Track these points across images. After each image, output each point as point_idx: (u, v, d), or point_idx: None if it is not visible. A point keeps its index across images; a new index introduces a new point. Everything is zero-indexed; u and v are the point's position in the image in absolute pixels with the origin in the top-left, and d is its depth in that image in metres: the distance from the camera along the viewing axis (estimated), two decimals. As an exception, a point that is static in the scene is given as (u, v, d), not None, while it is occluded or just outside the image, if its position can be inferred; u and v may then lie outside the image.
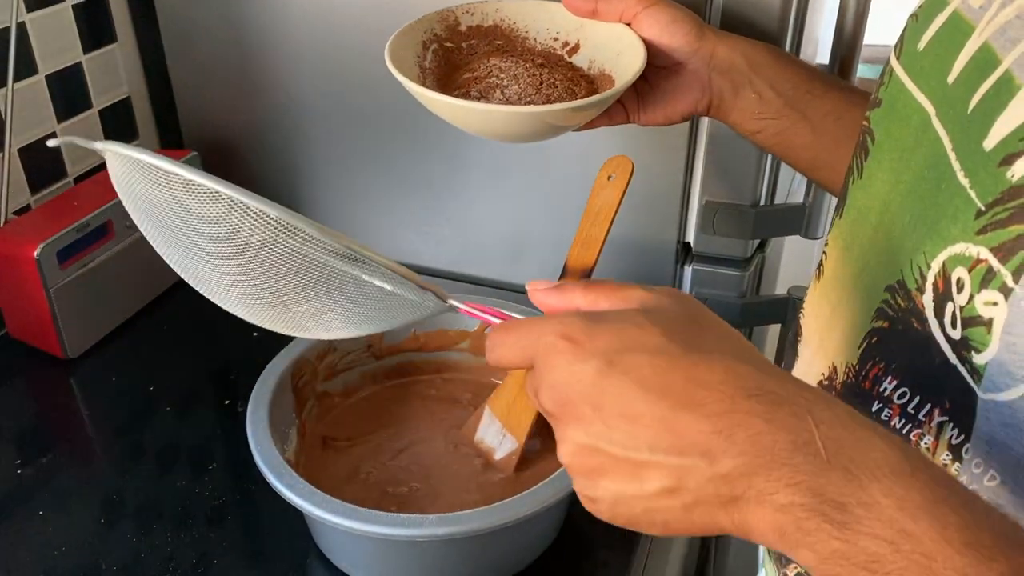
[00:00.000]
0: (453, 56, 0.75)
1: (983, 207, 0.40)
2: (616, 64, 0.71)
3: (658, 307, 0.40)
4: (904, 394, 0.46)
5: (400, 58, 0.69)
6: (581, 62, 0.75)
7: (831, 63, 0.87)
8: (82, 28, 0.96)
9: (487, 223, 0.99)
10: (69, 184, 0.99)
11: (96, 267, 0.90)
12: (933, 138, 0.46)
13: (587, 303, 0.42)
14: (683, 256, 0.95)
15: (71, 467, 0.79)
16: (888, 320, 0.47)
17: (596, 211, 0.75)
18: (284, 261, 0.47)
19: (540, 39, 0.76)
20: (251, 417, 0.69)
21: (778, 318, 0.98)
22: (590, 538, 0.73)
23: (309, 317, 0.50)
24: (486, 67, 0.72)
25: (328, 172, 1.03)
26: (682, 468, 0.36)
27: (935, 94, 0.47)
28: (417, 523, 0.61)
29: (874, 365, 0.48)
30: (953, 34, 0.46)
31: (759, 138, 0.71)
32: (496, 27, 0.76)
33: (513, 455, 0.75)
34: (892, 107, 0.51)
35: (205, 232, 0.47)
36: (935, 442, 0.44)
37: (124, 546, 0.71)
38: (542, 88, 0.70)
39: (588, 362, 0.38)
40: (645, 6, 0.69)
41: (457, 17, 0.75)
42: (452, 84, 0.73)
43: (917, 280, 0.44)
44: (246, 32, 0.97)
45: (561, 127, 0.68)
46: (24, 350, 0.91)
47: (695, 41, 0.69)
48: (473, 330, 0.81)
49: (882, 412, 0.47)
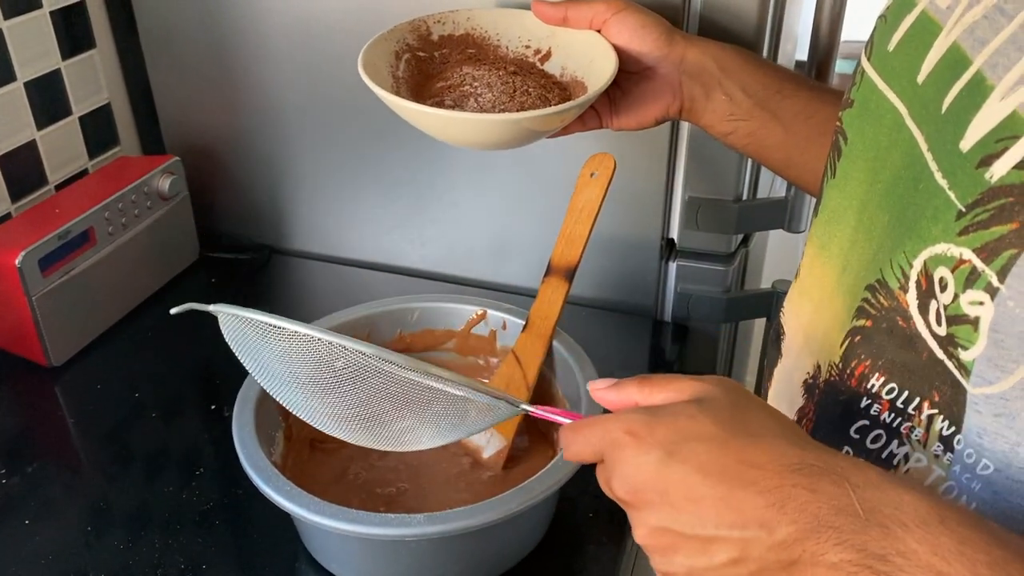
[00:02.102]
0: (426, 66, 0.75)
1: (963, 208, 0.41)
2: (588, 71, 0.72)
3: (707, 396, 0.45)
4: (892, 390, 0.47)
5: (373, 68, 0.70)
6: (553, 69, 0.75)
7: (809, 60, 0.88)
8: (60, 34, 0.96)
9: (471, 223, 0.99)
10: (50, 192, 0.98)
11: (78, 274, 0.90)
12: (907, 138, 0.46)
13: (643, 397, 0.47)
14: (667, 252, 0.96)
15: (57, 476, 0.79)
16: (870, 319, 0.48)
17: (579, 208, 0.76)
18: (380, 389, 0.54)
19: (512, 47, 0.76)
20: (237, 421, 0.69)
21: (763, 312, 0.99)
22: (579, 534, 0.73)
23: (404, 433, 0.57)
24: (459, 76, 0.73)
25: (311, 175, 1.03)
26: (744, 540, 0.40)
27: (905, 94, 0.47)
28: (406, 523, 0.61)
29: (859, 363, 0.49)
30: (921, 34, 0.46)
31: (731, 139, 0.72)
32: (468, 36, 0.76)
33: (501, 453, 0.75)
34: (865, 107, 0.51)
35: (310, 370, 0.55)
36: (925, 434, 0.45)
37: (112, 554, 0.71)
38: (515, 96, 0.70)
39: (651, 453, 0.43)
40: (614, 12, 0.70)
41: (429, 27, 0.75)
42: (426, 93, 0.73)
43: (899, 279, 0.45)
44: (226, 37, 0.97)
45: (535, 133, 0.69)
46: (7, 359, 0.91)
47: (665, 46, 0.70)
48: (459, 330, 0.81)
49: (871, 407, 0.48)
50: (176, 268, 1.04)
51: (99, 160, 1.04)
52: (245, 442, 0.67)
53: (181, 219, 1.03)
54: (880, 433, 0.48)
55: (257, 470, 0.64)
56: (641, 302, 0.98)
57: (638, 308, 0.98)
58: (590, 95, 0.66)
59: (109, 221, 0.92)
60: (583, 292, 0.95)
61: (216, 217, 1.09)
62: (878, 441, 0.48)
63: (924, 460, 0.46)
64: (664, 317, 0.99)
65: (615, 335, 0.97)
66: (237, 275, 1.06)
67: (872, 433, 0.48)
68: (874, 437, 0.48)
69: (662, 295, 0.98)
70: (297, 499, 0.62)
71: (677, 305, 0.98)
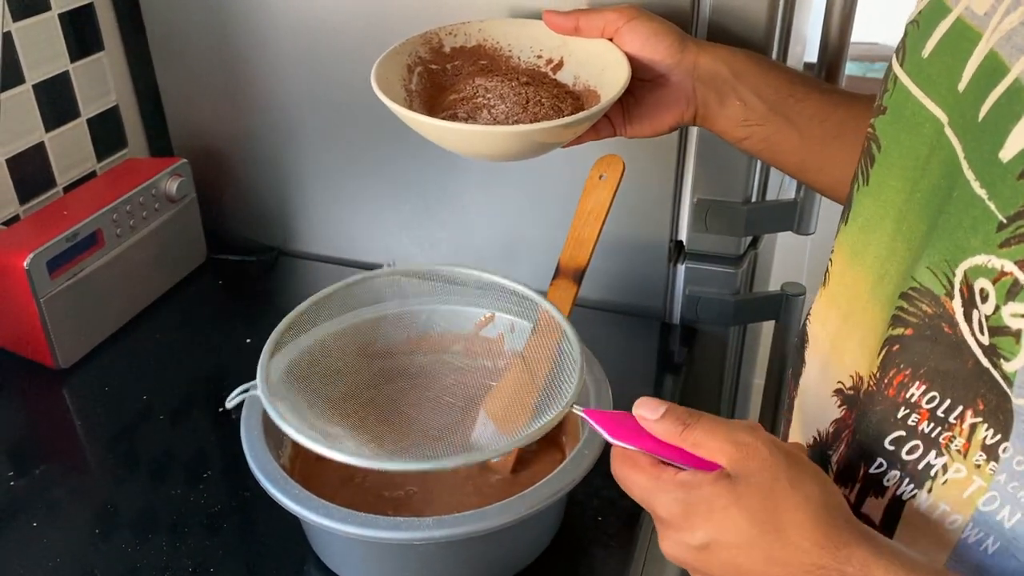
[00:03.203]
0: (438, 78, 0.75)
1: (1004, 220, 0.40)
2: (601, 79, 0.71)
3: (743, 474, 0.48)
4: (934, 398, 0.46)
5: (386, 82, 0.70)
6: (566, 79, 0.75)
7: (819, 62, 0.87)
8: (69, 37, 0.96)
9: (480, 226, 0.99)
10: (58, 194, 0.98)
11: (87, 276, 0.90)
12: (947, 146, 0.45)
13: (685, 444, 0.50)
14: (676, 254, 0.95)
15: (65, 478, 0.79)
16: (910, 326, 0.47)
17: (588, 211, 0.75)
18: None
19: (524, 57, 0.76)
20: (245, 424, 0.69)
21: (772, 315, 0.98)
22: (587, 539, 0.72)
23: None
24: (472, 87, 0.72)
25: (319, 177, 1.03)
26: None
27: (946, 102, 0.46)
28: (414, 526, 0.60)
29: (898, 372, 0.48)
30: (959, 41, 0.46)
31: (746, 144, 0.72)
32: (480, 47, 0.76)
33: (509, 457, 0.75)
34: (899, 115, 0.51)
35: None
36: (967, 443, 0.45)
37: (119, 556, 0.71)
38: (528, 106, 0.70)
39: (688, 543, 0.48)
40: (626, 20, 0.70)
41: (440, 39, 0.75)
42: (439, 106, 0.73)
43: (945, 286, 0.44)
44: (234, 39, 0.97)
45: (549, 144, 0.69)
46: (15, 361, 0.91)
47: (677, 53, 0.69)
48: (467, 332, 0.81)
49: (909, 417, 0.47)
50: (184, 270, 1.04)
51: (107, 162, 1.04)
52: (253, 445, 0.67)
53: (189, 221, 1.03)
54: (917, 444, 0.47)
55: (265, 473, 0.64)
56: (650, 304, 0.98)
57: (647, 310, 0.98)
58: (603, 105, 0.66)
59: (117, 223, 0.92)
60: (591, 294, 0.95)
61: (224, 219, 1.09)
62: (915, 452, 0.48)
63: (964, 471, 0.45)
64: (673, 320, 0.99)
65: (623, 338, 0.97)
66: (245, 277, 1.06)
67: (909, 444, 0.48)
68: (911, 448, 0.48)
69: (671, 297, 0.97)
70: (305, 502, 0.62)
71: (686, 307, 0.97)
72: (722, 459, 0.49)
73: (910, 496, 0.49)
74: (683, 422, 0.50)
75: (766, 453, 0.48)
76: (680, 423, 0.50)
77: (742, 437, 0.49)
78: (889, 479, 0.49)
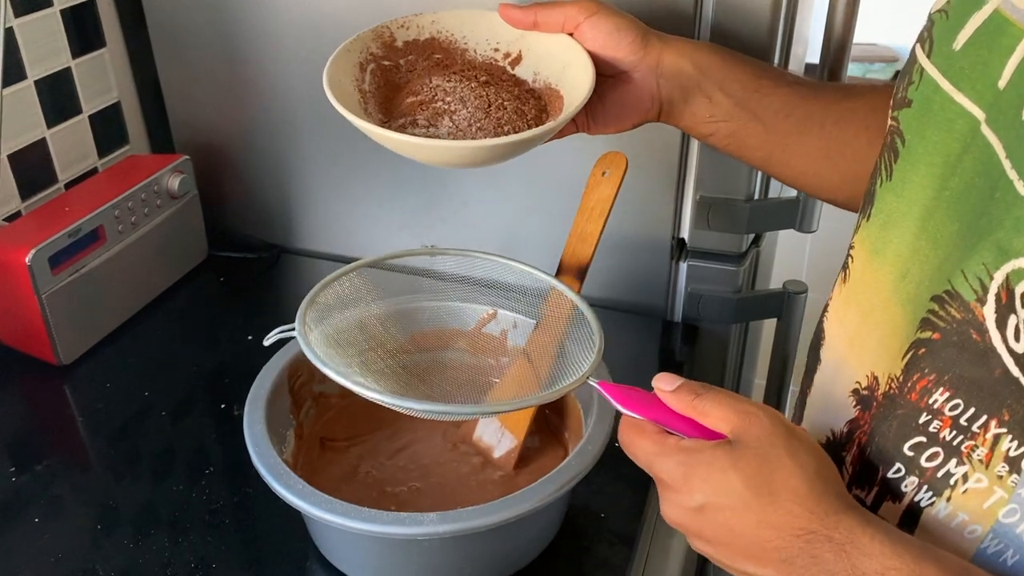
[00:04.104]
0: (392, 75, 0.72)
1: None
2: (562, 77, 0.69)
3: (743, 440, 0.49)
4: (957, 406, 0.45)
5: (339, 85, 0.67)
6: (525, 74, 0.72)
7: (821, 63, 0.87)
8: (70, 33, 0.96)
9: (481, 222, 0.99)
10: (60, 190, 0.98)
11: (88, 272, 0.90)
12: (983, 145, 0.44)
13: (696, 414, 0.52)
14: (678, 252, 0.95)
15: (66, 474, 0.79)
16: (938, 331, 0.46)
17: (591, 207, 0.75)
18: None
19: (480, 50, 0.73)
20: (248, 420, 0.68)
21: (774, 313, 0.98)
22: (590, 536, 0.72)
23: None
24: (430, 89, 0.69)
25: (320, 174, 1.03)
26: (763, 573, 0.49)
27: (983, 99, 0.45)
28: (417, 522, 0.60)
29: (922, 377, 0.47)
30: (997, 36, 0.44)
31: (712, 140, 0.71)
32: (433, 40, 0.73)
33: (512, 452, 0.75)
34: (927, 109, 0.49)
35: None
36: (989, 453, 0.44)
37: (121, 553, 0.71)
38: (491, 111, 0.67)
39: (686, 504, 0.50)
40: (587, 16, 0.67)
41: (392, 32, 0.72)
42: (395, 108, 0.70)
43: (976, 291, 0.43)
44: (236, 35, 0.97)
45: (513, 153, 0.66)
46: (17, 357, 0.91)
47: (640, 50, 0.67)
48: (469, 330, 0.81)
49: (931, 424, 0.47)
50: (185, 267, 1.04)
51: (109, 159, 1.04)
52: (256, 440, 0.67)
53: (190, 218, 1.03)
54: (937, 451, 0.47)
55: (268, 468, 0.64)
56: (651, 302, 0.98)
57: (648, 308, 0.98)
58: (568, 114, 0.64)
59: (119, 219, 0.92)
60: (593, 292, 0.95)
61: (225, 216, 1.09)
62: (934, 459, 0.47)
63: (985, 481, 0.45)
64: (674, 317, 0.98)
65: (625, 335, 0.97)
66: (246, 274, 1.06)
67: (928, 451, 0.47)
68: (930, 455, 0.47)
69: (672, 295, 0.97)
70: (309, 497, 0.62)
71: (688, 305, 0.97)
72: (725, 427, 0.50)
73: (928, 503, 0.48)
74: (695, 392, 0.52)
75: (767, 422, 0.49)
76: (693, 393, 0.52)
77: (746, 407, 0.50)
78: (907, 485, 0.49)
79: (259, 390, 0.71)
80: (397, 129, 0.67)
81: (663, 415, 0.53)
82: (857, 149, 0.67)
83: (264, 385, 0.72)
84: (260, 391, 0.71)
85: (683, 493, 0.50)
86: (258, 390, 0.71)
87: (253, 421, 0.68)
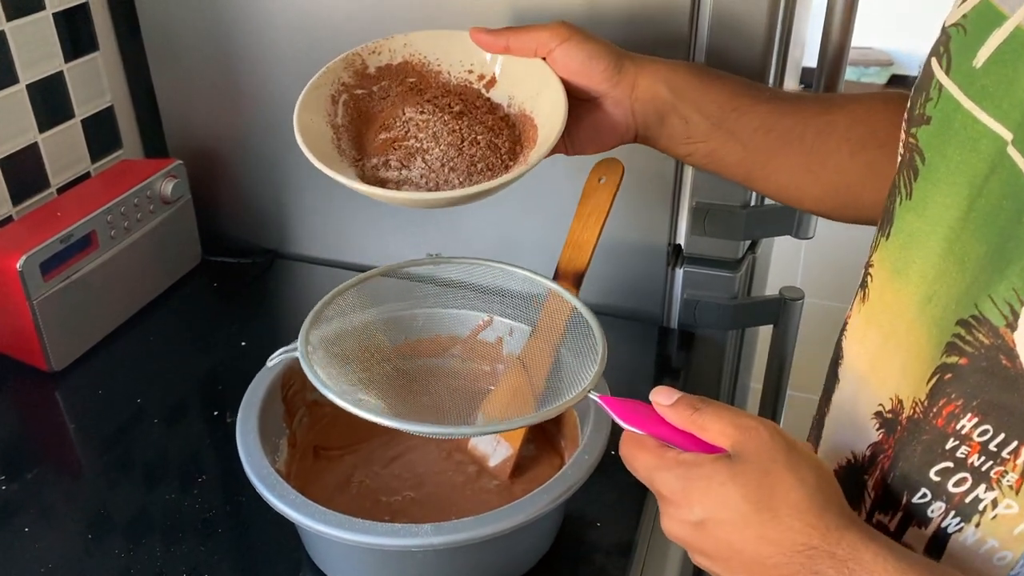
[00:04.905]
0: (365, 104, 0.71)
1: None
2: (536, 104, 0.69)
3: (743, 454, 0.49)
4: (986, 432, 0.45)
5: (309, 128, 0.66)
6: (500, 98, 0.71)
7: (818, 68, 0.87)
8: (63, 37, 0.95)
9: (477, 228, 0.98)
10: (52, 195, 0.98)
11: (80, 278, 0.89)
12: (1010, 166, 0.43)
13: (695, 428, 0.52)
14: (674, 258, 0.95)
15: (57, 482, 0.78)
16: (965, 356, 0.46)
17: (587, 214, 0.75)
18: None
19: (455, 72, 0.72)
20: (240, 428, 0.68)
21: (770, 319, 0.98)
22: (587, 545, 0.72)
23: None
24: (403, 123, 0.68)
25: (314, 178, 1.02)
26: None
27: (1010, 119, 0.44)
28: (411, 532, 0.60)
29: (949, 402, 0.47)
30: (1022, 54, 0.43)
31: (690, 160, 0.70)
32: (406, 63, 0.72)
33: (508, 461, 0.74)
34: (947, 127, 0.48)
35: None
36: (1020, 479, 0.44)
37: (113, 562, 0.70)
38: (464, 147, 0.67)
39: (686, 519, 0.50)
40: (559, 42, 0.67)
41: (364, 59, 0.71)
42: (369, 145, 0.69)
43: (1007, 316, 0.43)
44: (230, 40, 0.96)
45: (486, 196, 0.65)
46: (7, 363, 0.90)
47: (614, 75, 0.67)
48: (464, 336, 0.80)
49: (958, 449, 0.46)
50: (178, 272, 1.03)
51: (101, 163, 1.03)
52: (249, 449, 0.66)
53: (184, 223, 1.02)
54: (965, 476, 0.47)
55: (261, 478, 0.64)
56: (648, 309, 0.97)
57: (645, 315, 0.98)
58: (540, 155, 0.64)
59: (111, 225, 0.92)
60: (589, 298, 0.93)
61: (219, 221, 1.09)
62: (962, 485, 0.47)
63: (1016, 507, 0.45)
64: (671, 324, 0.98)
65: (621, 342, 0.96)
66: (240, 279, 1.05)
67: (956, 476, 0.47)
68: (958, 480, 0.47)
69: (669, 301, 0.97)
70: (302, 508, 0.61)
71: (684, 312, 0.97)
72: (725, 441, 0.50)
73: (956, 529, 0.48)
74: (694, 407, 0.52)
75: (767, 436, 0.49)
76: (691, 407, 0.52)
77: (745, 421, 0.50)
78: (933, 510, 0.49)
79: (252, 397, 0.70)
80: (370, 170, 0.68)
81: (663, 429, 0.53)
82: (839, 161, 0.66)
83: (257, 392, 0.71)
84: (253, 398, 0.70)
85: (683, 507, 0.50)
86: (251, 397, 0.70)
87: (246, 430, 0.68)
